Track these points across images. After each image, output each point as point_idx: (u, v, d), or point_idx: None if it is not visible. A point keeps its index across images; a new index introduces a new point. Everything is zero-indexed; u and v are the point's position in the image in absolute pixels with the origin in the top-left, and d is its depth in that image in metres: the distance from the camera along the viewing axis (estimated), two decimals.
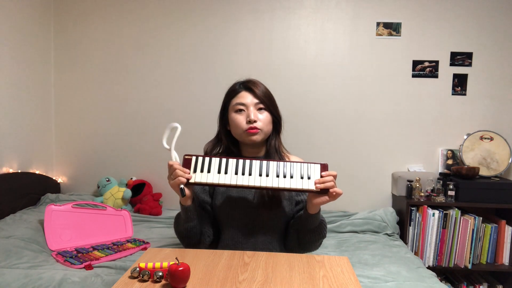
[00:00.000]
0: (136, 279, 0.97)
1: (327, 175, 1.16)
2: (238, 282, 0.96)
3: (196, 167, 1.19)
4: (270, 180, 1.18)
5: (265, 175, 1.18)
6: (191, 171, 1.19)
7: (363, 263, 1.85)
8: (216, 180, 1.17)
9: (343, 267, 1.07)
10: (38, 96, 2.55)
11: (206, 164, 1.19)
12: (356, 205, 2.61)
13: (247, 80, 1.38)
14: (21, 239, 1.78)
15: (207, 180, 1.18)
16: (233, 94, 1.37)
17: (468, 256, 2.30)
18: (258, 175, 1.18)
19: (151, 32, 2.63)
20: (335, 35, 2.58)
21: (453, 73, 2.56)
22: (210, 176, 1.18)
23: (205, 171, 1.19)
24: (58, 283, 1.45)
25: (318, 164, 1.19)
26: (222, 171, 1.18)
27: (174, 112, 2.65)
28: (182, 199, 1.20)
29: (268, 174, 1.18)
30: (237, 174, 1.18)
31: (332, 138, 2.62)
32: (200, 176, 1.18)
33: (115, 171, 2.69)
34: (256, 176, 1.18)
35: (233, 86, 1.39)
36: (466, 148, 2.52)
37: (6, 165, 2.25)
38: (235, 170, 1.19)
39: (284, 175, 1.18)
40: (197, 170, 1.19)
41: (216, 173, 1.18)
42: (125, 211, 2.16)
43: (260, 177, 1.18)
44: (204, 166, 1.19)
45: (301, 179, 1.18)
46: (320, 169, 1.19)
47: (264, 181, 1.18)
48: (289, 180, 1.17)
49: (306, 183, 1.17)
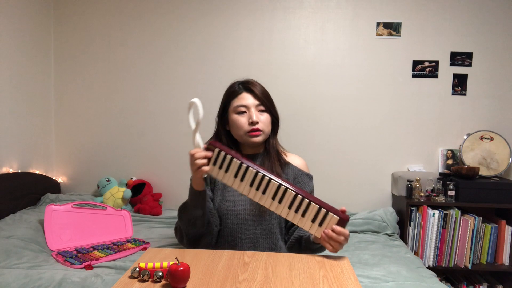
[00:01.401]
0: (136, 279, 0.97)
1: (340, 233, 1.10)
2: (238, 282, 0.96)
3: (216, 161, 1.16)
4: (280, 208, 1.14)
5: (277, 201, 1.14)
6: (210, 162, 1.16)
7: (363, 263, 1.85)
8: (230, 183, 1.16)
9: (343, 267, 1.07)
10: (38, 96, 2.55)
11: (226, 164, 1.15)
12: (356, 205, 2.61)
13: (246, 81, 1.38)
14: (21, 239, 1.78)
15: (222, 179, 1.16)
16: (233, 95, 1.37)
17: (468, 256, 2.30)
18: (271, 198, 1.14)
19: (151, 32, 2.63)
20: (335, 35, 2.58)
21: (453, 73, 2.56)
22: (226, 176, 1.16)
23: (223, 169, 1.16)
24: (58, 283, 1.45)
25: (337, 217, 1.11)
26: (238, 176, 1.15)
27: (174, 112, 2.66)
28: (196, 184, 1.20)
29: (281, 202, 1.14)
30: (251, 187, 1.15)
31: (332, 138, 2.62)
32: (217, 172, 1.16)
33: (115, 171, 2.69)
34: (269, 197, 1.14)
35: (233, 86, 1.39)
36: (466, 148, 2.52)
37: (6, 165, 2.25)
38: (250, 182, 1.15)
39: (296, 210, 1.13)
40: (216, 164, 1.16)
41: (232, 176, 1.16)
42: (125, 211, 2.16)
43: (271, 200, 1.14)
44: (223, 164, 1.16)
45: (311, 222, 1.13)
46: (337, 222, 1.11)
47: (274, 206, 1.14)
48: (298, 217, 1.13)
49: (314, 228, 1.13)
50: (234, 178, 1.15)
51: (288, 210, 1.14)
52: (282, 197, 1.13)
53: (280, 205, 1.14)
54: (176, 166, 2.66)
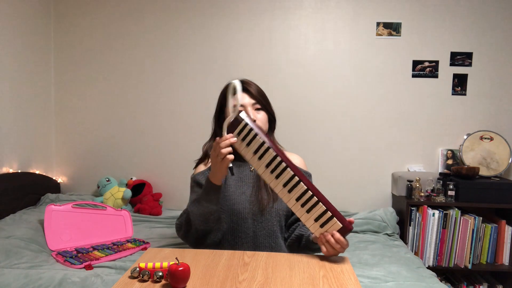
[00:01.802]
0: (136, 279, 0.97)
1: (338, 240, 1.10)
2: (238, 282, 0.96)
3: (241, 133, 1.15)
4: (288, 197, 1.13)
5: (287, 190, 1.13)
6: (235, 132, 1.15)
7: (363, 263, 1.85)
8: (248, 157, 1.16)
9: (343, 267, 1.07)
10: (38, 96, 2.55)
11: (249, 138, 1.14)
12: (356, 205, 2.61)
13: (241, 81, 1.40)
14: (21, 239, 1.78)
15: (241, 151, 1.16)
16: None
17: (468, 256, 2.30)
18: (282, 184, 1.13)
19: (151, 32, 2.63)
20: (335, 35, 2.58)
21: (453, 73, 2.56)
22: (246, 150, 1.15)
23: (245, 143, 1.15)
24: (58, 283, 1.45)
25: (340, 224, 1.11)
26: (257, 154, 1.14)
27: (175, 112, 2.66)
28: (215, 178, 1.20)
29: (291, 192, 1.13)
30: (266, 168, 1.14)
31: (332, 138, 2.62)
32: (240, 143, 1.15)
33: (115, 171, 2.69)
34: (280, 183, 1.14)
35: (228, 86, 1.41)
36: (466, 148, 2.52)
37: (6, 165, 2.25)
38: (267, 163, 1.14)
39: (302, 204, 1.12)
40: (239, 136, 1.15)
41: (252, 152, 1.15)
42: (125, 211, 2.16)
43: (282, 187, 1.13)
44: (246, 138, 1.15)
45: (314, 221, 1.12)
46: (340, 229, 1.11)
47: (282, 193, 1.14)
48: (303, 211, 1.12)
49: (315, 227, 1.12)
50: (253, 154, 1.15)
51: (295, 202, 1.13)
52: (293, 188, 1.13)
53: (289, 194, 1.13)
54: (176, 166, 2.66)
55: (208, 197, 1.24)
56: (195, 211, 1.28)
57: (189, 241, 1.37)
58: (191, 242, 1.37)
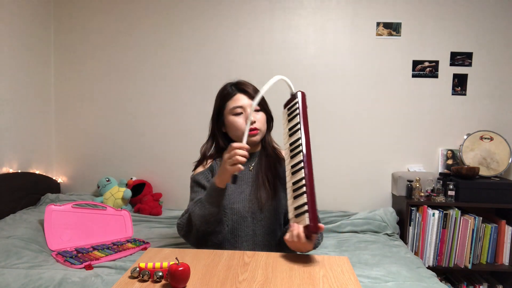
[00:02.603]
0: (136, 279, 0.97)
1: (296, 235, 1.11)
2: (238, 282, 0.96)
3: (290, 109, 1.33)
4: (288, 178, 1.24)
5: (291, 172, 1.22)
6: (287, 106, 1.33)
7: (363, 263, 1.85)
8: (284, 127, 1.33)
9: (343, 267, 1.07)
10: (38, 96, 2.55)
11: (292, 116, 1.30)
12: (356, 205, 2.61)
13: (238, 82, 1.42)
14: (21, 239, 1.78)
15: (283, 123, 1.34)
16: (227, 97, 1.40)
17: (468, 256, 2.30)
18: (290, 165, 1.23)
19: (150, 32, 2.63)
20: (335, 35, 2.58)
21: (453, 73, 2.55)
22: (286, 124, 1.32)
23: (288, 118, 1.32)
24: (58, 283, 1.45)
25: (307, 222, 1.11)
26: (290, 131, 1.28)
27: (175, 112, 2.66)
28: (222, 181, 1.22)
29: (293, 174, 1.21)
30: (290, 145, 1.25)
31: (332, 138, 2.62)
32: (285, 115, 1.34)
33: (115, 171, 2.69)
34: (290, 164, 1.23)
35: (225, 89, 1.42)
36: (466, 148, 2.52)
37: (6, 165, 2.25)
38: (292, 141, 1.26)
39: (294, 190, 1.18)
40: (288, 110, 1.33)
41: (287, 128, 1.30)
42: (125, 211, 2.16)
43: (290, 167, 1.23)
44: (291, 115, 1.31)
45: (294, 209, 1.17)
46: (305, 226, 1.12)
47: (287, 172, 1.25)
48: (292, 195, 1.19)
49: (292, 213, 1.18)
50: (288, 131, 1.27)
51: (291, 185, 1.21)
52: (296, 172, 1.19)
53: (290, 176, 1.22)
54: (176, 166, 2.66)
55: (211, 199, 1.25)
56: (197, 211, 1.28)
57: (191, 241, 1.37)
58: (193, 242, 1.37)
